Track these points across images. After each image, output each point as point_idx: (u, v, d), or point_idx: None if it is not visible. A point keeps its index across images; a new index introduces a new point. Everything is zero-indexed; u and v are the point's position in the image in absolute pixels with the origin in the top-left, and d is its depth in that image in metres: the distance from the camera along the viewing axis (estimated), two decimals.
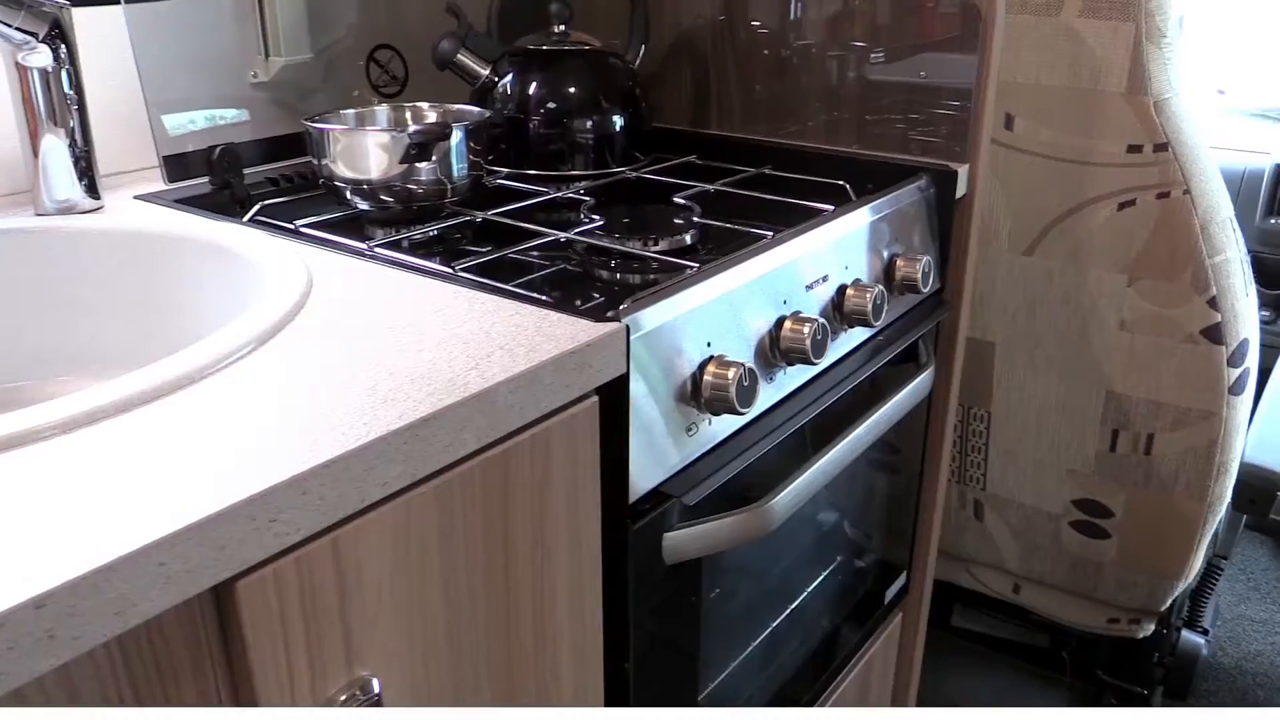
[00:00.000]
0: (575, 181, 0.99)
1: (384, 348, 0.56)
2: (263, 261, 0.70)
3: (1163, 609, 1.25)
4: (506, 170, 1.00)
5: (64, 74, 0.79)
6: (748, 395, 0.69)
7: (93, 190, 0.83)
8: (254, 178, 0.96)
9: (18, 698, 0.38)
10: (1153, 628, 1.26)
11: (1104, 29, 1.00)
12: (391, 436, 0.47)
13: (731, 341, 0.72)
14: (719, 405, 0.69)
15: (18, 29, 0.76)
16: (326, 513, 0.45)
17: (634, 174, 1.01)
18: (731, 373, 0.68)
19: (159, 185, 0.91)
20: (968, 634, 1.49)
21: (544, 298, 0.64)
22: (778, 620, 0.91)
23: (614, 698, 0.71)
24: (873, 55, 1.03)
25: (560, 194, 0.94)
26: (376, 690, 0.50)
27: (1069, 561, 1.25)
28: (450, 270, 0.70)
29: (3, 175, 0.87)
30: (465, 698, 0.57)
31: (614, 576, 0.67)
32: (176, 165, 0.89)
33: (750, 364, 0.70)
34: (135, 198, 0.87)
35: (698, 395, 0.69)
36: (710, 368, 0.69)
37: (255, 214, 0.85)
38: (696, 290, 0.69)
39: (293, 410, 0.49)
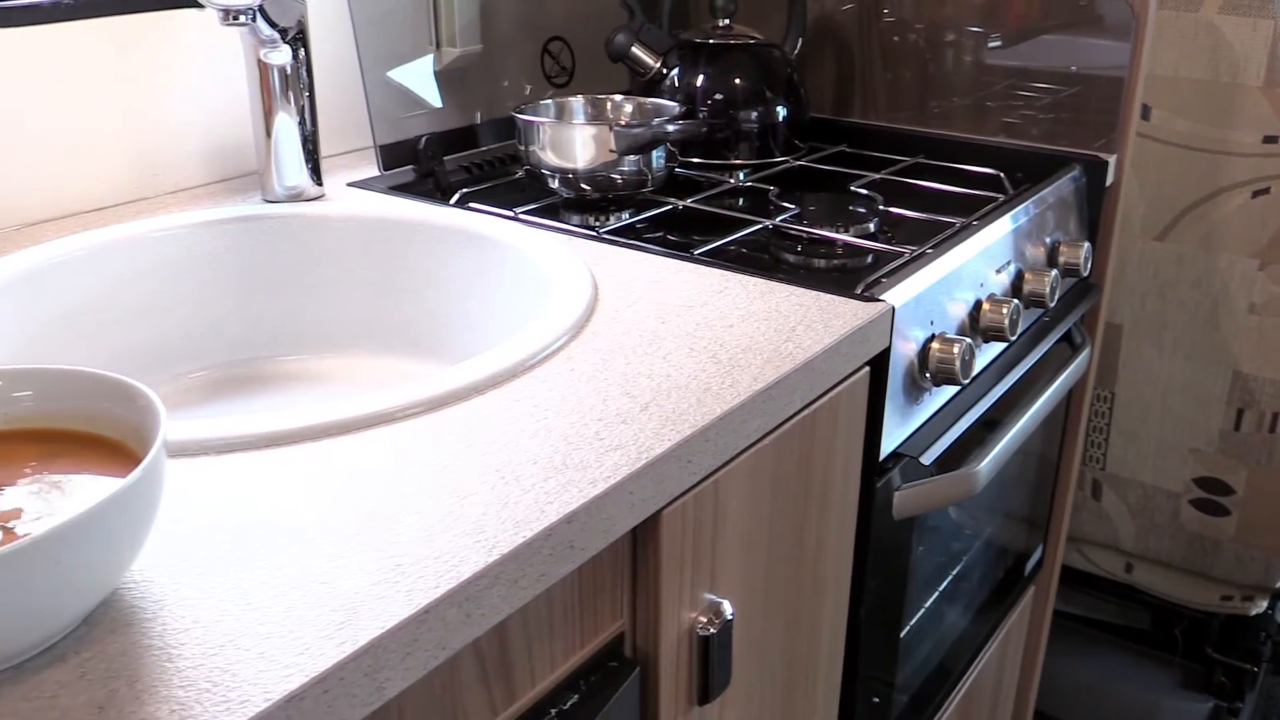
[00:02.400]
0: (739, 170, 1.12)
1: (698, 323, 0.69)
2: (521, 247, 0.83)
3: (1278, 585, 1.40)
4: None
5: (301, 71, 0.91)
6: (968, 368, 0.83)
7: (317, 177, 0.95)
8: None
9: (547, 598, 0.50)
10: (1265, 604, 1.41)
11: (1243, 25, 1.14)
12: (755, 396, 0.60)
13: (947, 320, 0.85)
14: (942, 376, 0.83)
15: (267, 24, 0.88)
16: (716, 456, 0.58)
17: (797, 163, 1.14)
18: (956, 348, 0.82)
19: (360, 172, 1.03)
20: (1067, 616, 1.63)
21: (807, 280, 0.77)
22: (946, 581, 1.05)
23: (849, 636, 0.85)
24: (1019, 44, 1.17)
25: (741, 183, 1.07)
26: (729, 615, 0.63)
27: (1186, 539, 1.39)
28: (689, 254, 0.83)
29: (226, 159, 0.99)
30: (772, 623, 0.71)
31: (860, 529, 0.81)
32: (390, 154, 1.01)
33: (970, 340, 0.83)
34: (348, 185, 0.99)
35: (925, 367, 0.82)
36: (935, 344, 0.82)
37: (461, 200, 0.97)
38: (923, 273, 0.82)
39: (664, 376, 0.61)
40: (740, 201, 1.03)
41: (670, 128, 0.91)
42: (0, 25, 0.83)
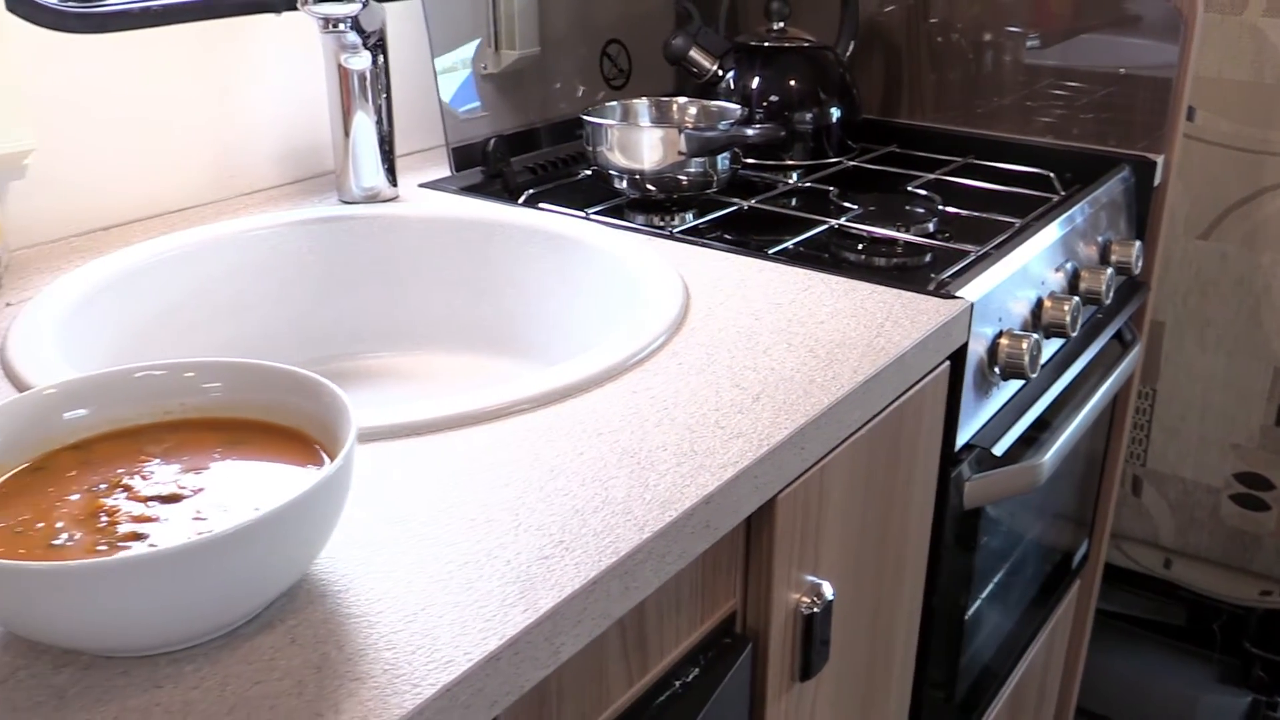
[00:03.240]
0: (792, 170, 1.17)
1: (789, 320, 0.73)
2: (605, 247, 0.87)
3: None
4: None
5: (380, 76, 0.96)
6: (1035, 363, 0.88)
7: (392, 178, 0.99)
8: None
9: (676, 576, 0.55)
10: None
11: None
12: (857, 389, 0.65)
13: (1012, 317, 0.90)
14: (1011, 370, 0.87)
15: (356, 31, 0.92)
16: (823, 444, 0.63)
17: (850, 163, 1.19)
18: (1024, 343, 0.87)
19: (427, 173, 1.07)
20: (1103, 613, 1.68)
21: (884, 278, 0.82)
22: (1000, 575, 1.10)
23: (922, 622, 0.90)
24: (1063, 45, 1.22)
25: (799, 184, 1.12)
26: (830, 596, 0.67)
27: (1226, 534, 1.44)
28: (764, 254, 0.88)
29: (300, 161, 1.04)
30: (860, 607, 0.76)
31: (935, 518, 0.86)
32: (459, 155, 1.06)
33: (1037, 336, 0.88)
34: (419, 186, 1.04)
35: (994, 361, 0.87)
36: (1003, 339, 0.87)
37: (529, 200, 1.02)
38: (992, 271, 0.87)
39: (768, 369, 0.66)
40: (801, 202, 1.07)
41: (749, 131, 0.96)
42: (95, 30, 0.88)
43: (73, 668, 0.42)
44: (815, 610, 0.66)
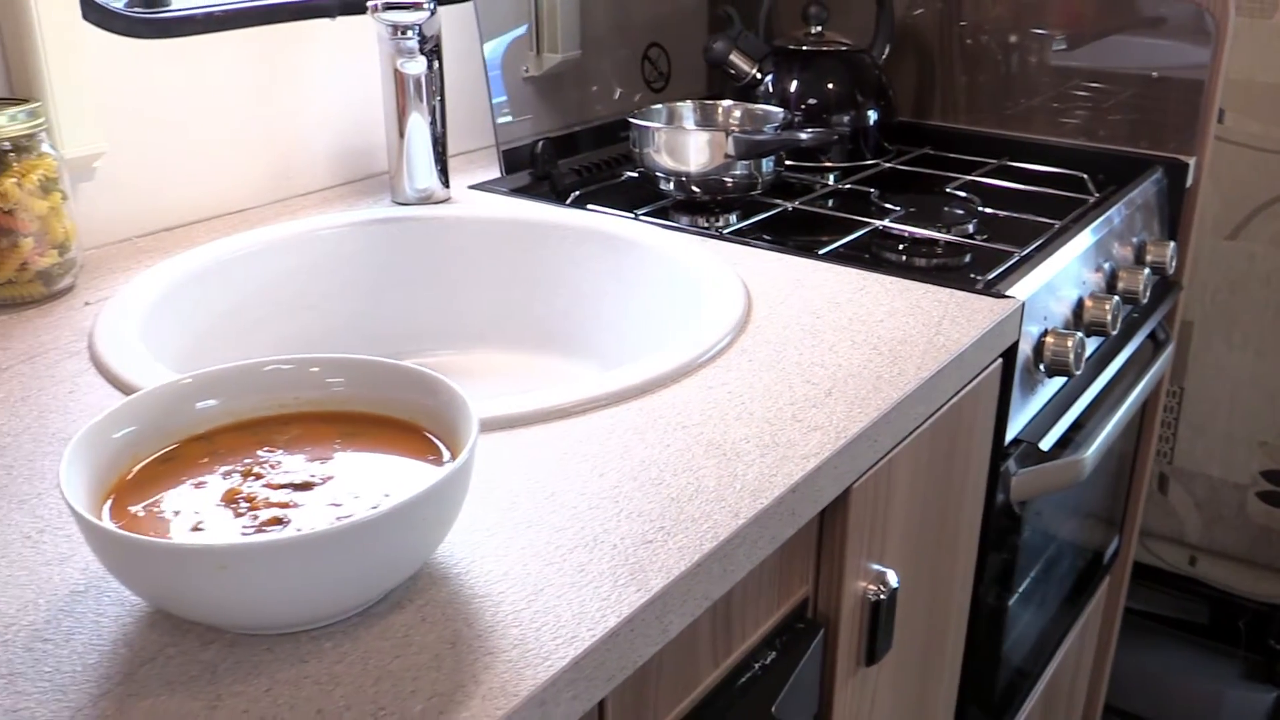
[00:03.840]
0: (829, 172, 1.20)
1: (850, 318, 0.77)
2: (661, 248, 0.91)
3: None
4: None
5: (435, 80, 0.99)
6: (1080, 360, 0.91)
7: (445, 179, 1.03)
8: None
9: (784, 550, 0.58)
10: None
11: None
12: (922, 385, 0.68)
13: (1055, 316, 0.94)
14: (1056, 368, 0.91)
15: (419, 38, 0.95)
16: (893, 437, 0.66)
17: (887, 165, 1.22)
18: (1070, 341, 0.90)
19: (474, 175, 1.10)
20: (1127, 610, 1.72)
21: (935, 278, 0.86)
22: (1036, 569, 1.13)
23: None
24: (1093, 48, 1.26)
25: (839, 185, 1.15)
26: (894, 583, 0.71)
27: (1252, 532, 1.48)
28: (815, 254, 0.91)
29: (352, 162, 1.08)
30: (919, 596, 0.79)
31: (985, 511, 0.89)
32: (508, 157, 1.10)
33: (1081, 334, 0.92)
34: (469, 187, 1.07)
35: (1039, 359, 0.91)
36: (1049, 337, 0.91)
37: (577, 201, 1.05)
38: (1038, 271, 0.90)
39: (836, 365, 0.69)
40: (842, 203, 1.11)
41: (803, 135, 1.00)
42: (160, 35, 0.91)
43: (218, 645, 0.45)
44: (881, 597, 0.70)
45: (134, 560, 0.42)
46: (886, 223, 1.00)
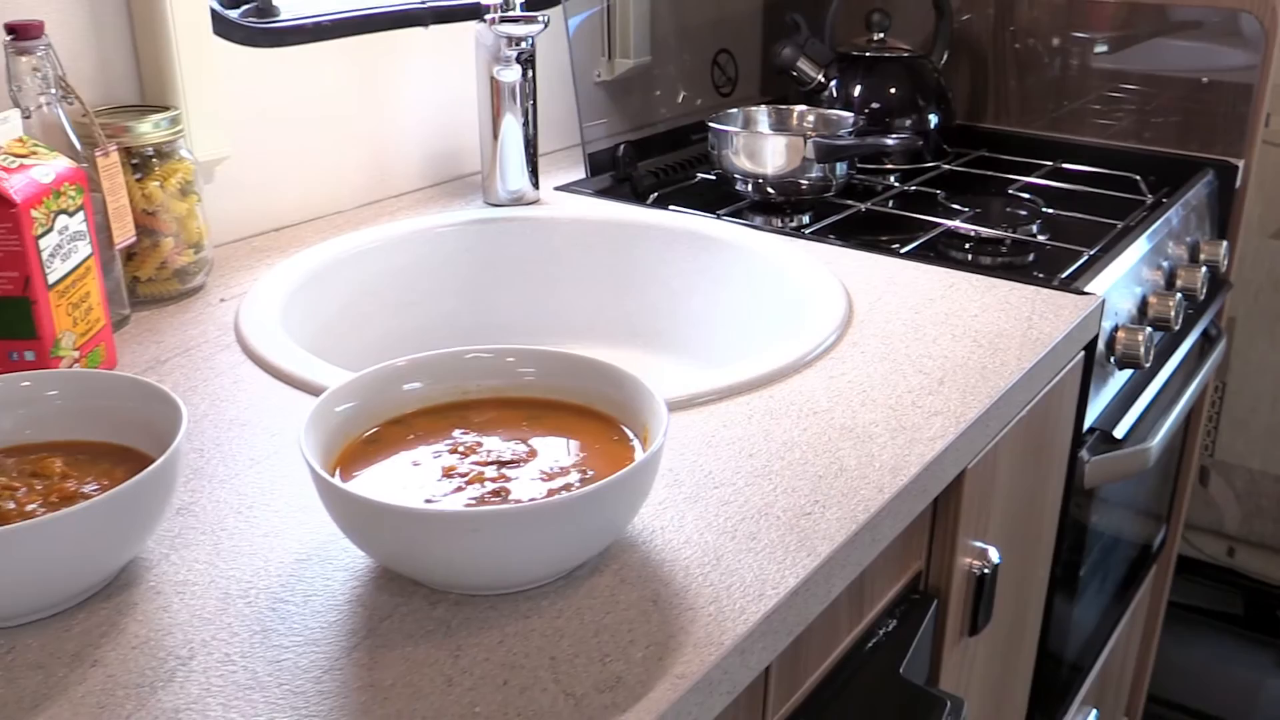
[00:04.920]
0: (891, 174, 1.27)
1: (946, 314, 0.84)
2: (753, 247, 0.97)
3: None
4: None
5: (528, 87, 1.06)
6: (1149, 354, 0.98)
7: (535, 181, 1.09)
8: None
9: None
10: None
11: None
12: (1022, 379, 0.75)
13: (1123, 311, 1.01)
14: (1127, 360, 0.98)
15: (519, 45, 1.02)
16: (1000, 424, 0.73)
17: (947, 167, 1.29)
18: (1140, 336, 0.97)
19: (557, 177, 1.17)
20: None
21: (1017, 275, 0.92)
22: (1094, 556, 1.20)
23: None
24: (1141, 52, 1.33)
25: (906, 187, 1.22)
26: (996, 559, 0.78)
27: None
28: (895, 253, 0.98)
29: (441, 164, 1.14)
30: (1011, 573, 0.86)
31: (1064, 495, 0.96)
32: (594, 161, 1.16)
33: (1150, 329, 0.99)
34: (555, 189, 1.14)
35: (1110, 352, 0.98)
36: (1120, 332, 0.98)
37: (658, 202, 1.12)
38: (1111, 269, 0.97)
39: (943, 357, 0.76)
40: (910, 204, 1.18)
41: (889, 140, 1.07)
42: (275, 44, 0.97)
43: (445, 604, 0.52)
44: (985, 572, 0.77)
45: (384, 525, 0.49)
46: (957, 223, 1.07)
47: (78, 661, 0.48)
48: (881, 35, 1.29)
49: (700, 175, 1.22)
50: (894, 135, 1.08)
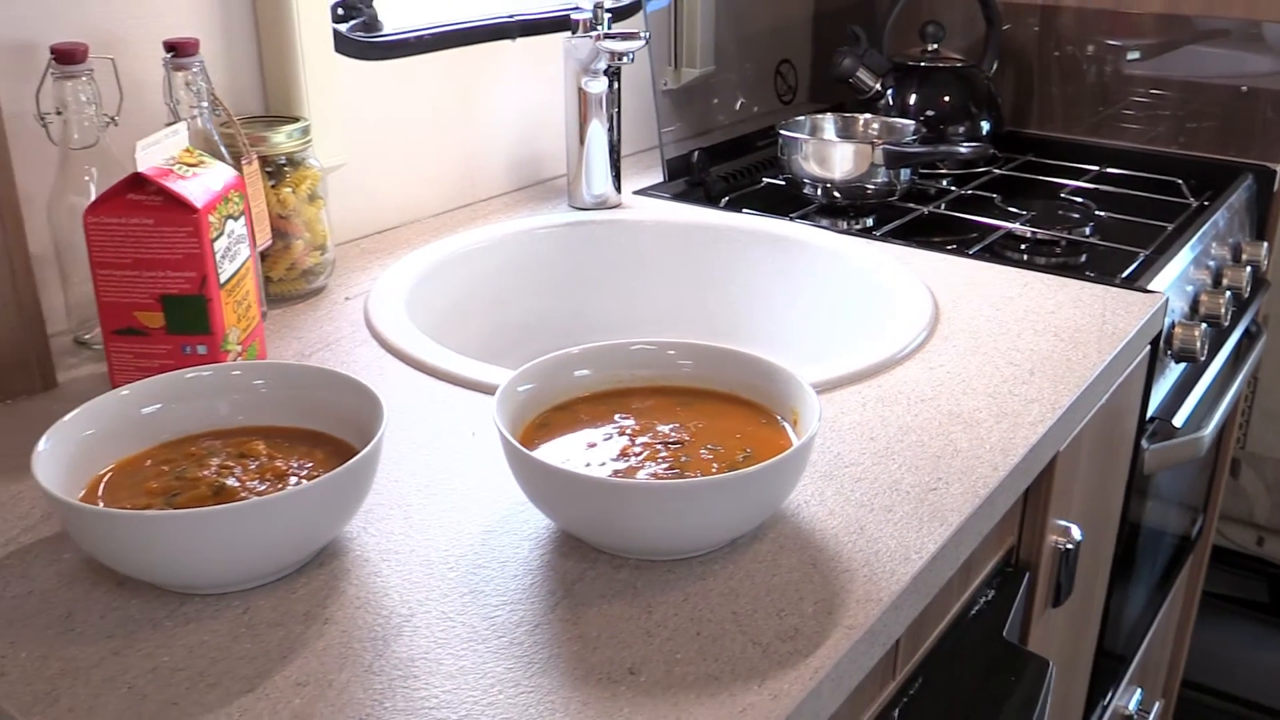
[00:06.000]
0: (944, 178, 1.34)
1: (1025, 310, 0.91)
2: (833, 248, 1.04)
3: None
4: None
5: (614, 98, 1.13)
6: (1204, 348, 1.06)
7: (618, 185, 1.17)
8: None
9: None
10: None
11: None
12: (1104, 370, 0.83)
13: (1176, 309, 1.08)
14: (1183, 355, 1.06)
15: (624, 60, 1.09)
16: (1086, 410, 0.81)
17: (999, 172, 1.37)
18: (1196, 332, 1.05)
19: (634, 181, 1.24)
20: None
21: (1080, 274, 1.00)
22: (1146, 540, 1.28)
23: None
24: (1184, 61, 1.41)
25: (963, 191, 1.30)
26: (1079, 537, 0.85)
27: None
28: (966, 253, 1.06)
29: (525, 169, 1.21)
30: (1085, 550, 0.94)
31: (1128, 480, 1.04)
32: (671, 166, 1.24)
33: (1205, 325, 1.07)
34: (634, 193, 1.21)
35: (1168, 346, 1.05)
36: (1177, 328, 1.06)
37: (730, 205, 1.19)
38: (1169, 268, 1.05)
39: (1029, 350, 0.83)
40: (967, 207, 1.25)
41: (963, 149, 1.14)
42: (384, 57, 1.04)
43: (627, 568, 0.59)
44: (1069, 548, 0.84)
45: (589, 496, 0.56)
46: (1017, 225, 1.15)
47: (310, 619, 0.56)
48: (935, 46, 1.37)
49: (766, 180, 1.30)
50: (967, 145, 1.15)
